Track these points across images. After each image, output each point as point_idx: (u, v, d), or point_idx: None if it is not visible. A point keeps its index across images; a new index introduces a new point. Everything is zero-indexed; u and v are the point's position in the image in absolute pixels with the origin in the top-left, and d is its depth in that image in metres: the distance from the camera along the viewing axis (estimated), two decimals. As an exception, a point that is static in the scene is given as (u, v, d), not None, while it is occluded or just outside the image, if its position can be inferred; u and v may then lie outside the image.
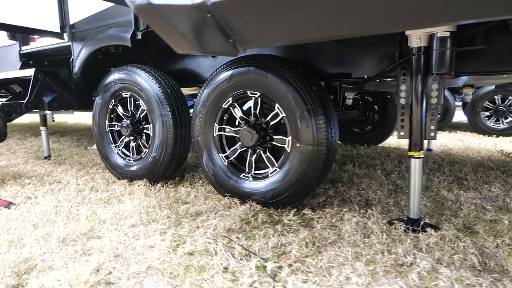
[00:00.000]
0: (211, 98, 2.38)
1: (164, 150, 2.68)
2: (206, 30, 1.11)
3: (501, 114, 6.38)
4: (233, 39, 1.10)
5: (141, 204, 2.34)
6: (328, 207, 2.23)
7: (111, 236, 1.88)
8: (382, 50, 2.16)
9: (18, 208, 2.33)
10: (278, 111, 2.16)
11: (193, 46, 1.17)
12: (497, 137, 6.19)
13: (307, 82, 2.05)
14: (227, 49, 1.16)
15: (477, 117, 6.56)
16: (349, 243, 1.74)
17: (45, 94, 3.07)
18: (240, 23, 1.04)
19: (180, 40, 1.16)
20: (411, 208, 1.96)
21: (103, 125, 3.06)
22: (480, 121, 6.55)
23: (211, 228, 1.93)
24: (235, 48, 1.15)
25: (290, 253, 1.65)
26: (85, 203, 2.41)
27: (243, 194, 2.32)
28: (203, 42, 1.16)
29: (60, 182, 2.94)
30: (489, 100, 6.46)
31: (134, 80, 2.76)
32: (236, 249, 1.69)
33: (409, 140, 1.95)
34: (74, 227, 1.96)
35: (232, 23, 1.04)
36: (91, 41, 2.89)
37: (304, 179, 2.10)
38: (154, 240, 1.83)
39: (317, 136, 2.02)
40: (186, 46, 1.20)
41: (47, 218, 2.13)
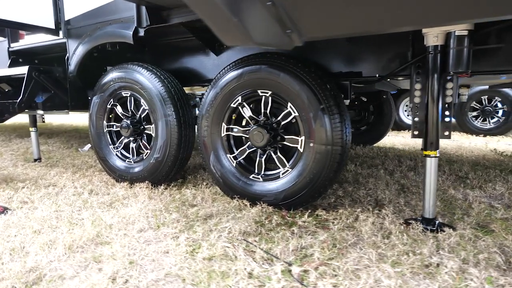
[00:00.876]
0: (219, 97, 2.31)
1: (167, 151, 2.59)
2: (263, 20, 1.04)
3: (488, 114, 6.55)
4: (291, 29, 1.04)
5: (147, 208, 2.24)
6: (341, 208, 2.20)
7: (121, 241, 1.78)
8: (394, 49, 2.14)
9: (14, 213, 2.19)
10: (290, 110, 2.12)
11: (246, 37, 1.10)
12: (484, 136, 6.35)
13: (321, 81, 2.01)
14: (281, 41, 1.10)
15: (465, 117, 6.72)
16: (369, 244, 1.71)
17: (39, 93, 2.92)
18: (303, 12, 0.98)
19: (233, 30, 1.09)
20: (426, 207, 1.95)
21: (101, 126, 2.94)
22: (468, 121, 6.70)
23: (225, 231, 1.86)
24: (290, 40, 1.09)
25: (312, 256, 1.61)
26: (87, 207, 2.29)
27: (253, 196, 2.26)
28: (257, 32, 1.10)
29: (55, 185, 2.80)
30: (477, 100, 6.61)
31: (135, 79, 2.65)
32: (257, 253, 1.63)
33: (424, 139, 1.94)
34: (79, 233, 1.86)
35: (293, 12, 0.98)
36: (89, 38, 2.77)
37: (318, 180, 2.06)
38: (167, 245, 1.75)
39: (332, 135, 1.98)
40: (238, 37, 1.13)
41: (48, 223, 2.01)
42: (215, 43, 2.71)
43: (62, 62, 3.49)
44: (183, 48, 2.90)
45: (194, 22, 2.40)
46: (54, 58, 3.44)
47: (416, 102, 1.99)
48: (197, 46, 2.83)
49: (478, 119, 6.66)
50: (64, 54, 3.24)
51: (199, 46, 2.82)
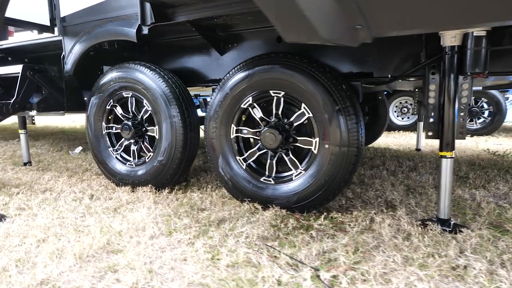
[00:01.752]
0: (229, 98, 2.25)
1: (172, 154, 2.50)
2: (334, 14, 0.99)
3: (474, 115, 6.71)
4: (362, 25, 0.99)
5: (154, 213, 2.16)
6: (354, 210, 2.17)
7: (134, 249, 1.69)
8: (407, 49, 2.14)
9: (13, 221, 2.07)
10: (304, 111, 2.08)
11: (312, 33, 1.04)
12: (471, 136, 6.51)
13: (336, 81, 1.98)
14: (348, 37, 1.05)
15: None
16: (391, 247, 1.69)
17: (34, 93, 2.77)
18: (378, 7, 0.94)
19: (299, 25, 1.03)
20: (441, 208, 1.95)
21: (99, 128, 2.82)
22: (455, 121, 6.84)
23: (242, 236, 1.80)
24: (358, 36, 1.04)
25: (337, 260, 1.57)
26: (91, 213, 2.18)
27: (265, 199, 2.21)
28: (325, 28, 1.04)
29: (52, 190, 2.66)
30: (463, 101, 6.76)
31: (137, 79, 2.56)
32: (281, 258, 1.58)
33: (440, 140, 1.93)
34: (88, 240, 1.76)
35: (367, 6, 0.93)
36: (87, 35, 2.65)
37: (333, 182, 2.03)
38: (184, 252, 1.68)
39: (348, 137, 1.96)
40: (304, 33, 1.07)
41: (52, 231, 1.90)
42: (220, 42, 2.65)
43: (54, 61, 3.35)
44: (185, 47, 2.82)
45: (201, 21, 2.34)
46: (46, 56, 3.29)
47: (430, 103, 1.99)
48: (200, 45, 2.76)
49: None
50: (58, 52, 3.09)
51: (202, 45, 2.75)
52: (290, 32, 1.14)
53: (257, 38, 2.53)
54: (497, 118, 6.52)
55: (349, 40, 1.09)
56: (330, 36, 1.08)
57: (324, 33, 1.07)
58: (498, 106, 6.47)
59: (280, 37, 2.45)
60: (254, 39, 2.54)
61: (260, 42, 2.52)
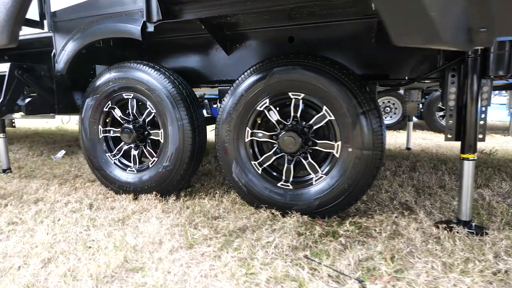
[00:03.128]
0: (244, 99, 2.14)
1: (180, 159, 2.35)
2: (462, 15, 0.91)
3: (453, 114, 6.95)
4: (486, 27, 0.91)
5: (167, 223, 2.01)
6: (373, 214, 2.14)
7: (157, 266, 1.56)
8: (423, 52, 2.12)
9: (8, 238, 1.85)
10: (325, 113, 2.01)
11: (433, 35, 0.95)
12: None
13: (360, 83, 1.93)
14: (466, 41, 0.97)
15: (433, 117, 7.10)
16: (425, 252, 1.65)
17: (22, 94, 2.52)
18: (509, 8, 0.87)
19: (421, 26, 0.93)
20: (463, 210, 1.95)
21: (95, 131, 2.62)
22: (435, 121, 7.09)
23: (271, 246, 1.71)
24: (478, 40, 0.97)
25: (376, 269, 1.51)
26: (96, 226, 2.00)
27: (283, 204, 2.12)
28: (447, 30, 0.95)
29: (45, 200, 2.43)
30: (443, 101, 7.01)
31: (140, 79, 2.38)
32: (320, 270, 1.49)
33: (462, 143, 1.93)
34: (103, 258, 1.60)
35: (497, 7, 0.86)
36: (83, 32, 2.44)
37: (357, 186, 1.97)
38: (212, 267, 1.56)
39: (373, 140, 1.91)
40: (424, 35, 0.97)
41: (58, 249, 1.71)
42: (227, 42, 2.53)
43: (38, 59, 3.08)
44: (188, 46, 2.68)
45: (212, 19, 2.21)
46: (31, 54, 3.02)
47: (450, 105, 1.98)
48: (204, 44, 2.62)
49: (444, 118, 7.06)
50: (45, 49, 2.86)
51: (206, 44, 2.62)
52: (406, 35, 1.06)
53: (267, 37, 2.43)
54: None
55: (466, 44, 1.03)
56: (451, 39, 1.02)
57: (446, 36, 0.99)
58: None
59: (292, 37, 2.38)
60: (264, 38, 2.44)
61: (270, 42, 2.43)
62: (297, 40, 2.37)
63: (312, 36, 2.32)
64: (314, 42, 2.32)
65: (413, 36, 1.05)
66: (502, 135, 6.40)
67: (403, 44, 1.10)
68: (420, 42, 1.10)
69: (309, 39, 2.33)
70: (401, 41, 1.09)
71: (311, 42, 2.33)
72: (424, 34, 1.01)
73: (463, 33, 1.00)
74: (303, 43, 2.35)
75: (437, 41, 1.02)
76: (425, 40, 1.05)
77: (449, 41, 1.01)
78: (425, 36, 1.02)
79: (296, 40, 2.37)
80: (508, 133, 6.78)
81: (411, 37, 1.07)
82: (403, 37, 1.07)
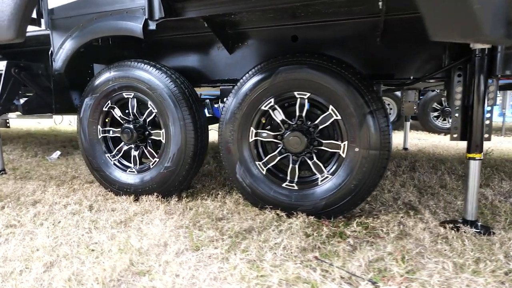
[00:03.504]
0: (248, 99, 2.11)
1: (182, 160, 2.31)
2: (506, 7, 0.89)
3: (448, 114, 7.03)
4: None
5: (171, 225, 1.97)
6: (378, 214, 2.12)
7: (164, 269, 1.52)
8: (429, 51, 2.12)
9: (7, 241, 1.79)
10: (331, 113, 1.99)
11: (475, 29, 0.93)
12: (445, 135, 6.81)
13: (367, 82, 1.92)
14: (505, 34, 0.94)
15: (427, 117, 7.15)
16: (435, 252, 1.64)
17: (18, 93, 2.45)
18: None
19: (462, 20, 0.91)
20: (468, 210, 1.95)
21: (94, 132, 2.56)
22: (430, 121, 7.14)
23: (279, 248, 1.68)
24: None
25: (387, 270, 1.50)
26: (98, 228, 1.95)
27: (288, 205, 2.10)
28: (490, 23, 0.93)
29: (43, 202, 2.37)
30: (437, 101, 7.07)
31: (141, 78, 2.34)
32: (331, 271, 1.47)
33: (468, 142, 1.93)
34: (108, 262, 1.55)
35: None
36: (82, 30, 2.38)
37: (363, 186, 1.96)
38: (221, 269, 1.53)
39: (380, 140, 1.90)
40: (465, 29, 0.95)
41: (60, 252, 1.66)
42: (229, 41, 2.50)
43: (35, 58, 3.01)
44: (189, 44, 2.64)
45: (216, 17, 2.18)
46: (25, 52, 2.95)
47: (456, 105, 1.98)
48: (206, 43, 2.59)
49: (438, 119, 7.13)
50: (41, 48, 2.79)
51: (208, 43, 2.59)
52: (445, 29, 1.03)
53: (270, 36, 2.41)
54: (468, 117, 6.83)
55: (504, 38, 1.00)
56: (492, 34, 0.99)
57: (488, 30, 0.97)
58: (469, 106, 6.78)
59: (295, 36, 2.36)
60: (267, 37, 2.42)
61: (273, 41, 2.41)
62: (300, 39, 2.35)
63: (315, 35, 2.30)
64: (317, 41, 2.30)
65: (452, 30, 1.03)
66: (495, 135, 6.47)
67: (439, 38, 1.08)
68: (458, 37, 1.08)
69: (312, 38, 2.31)
70: (438, 35, 1.07)
71: (315, 41, 2.31)
72: (464, 28, 1.00)
73: (502, 27, 0.98)
74: (307, 42, 2.33)
75: (476, 35, 1.00)
76: (464, 35, 1.03)
77: (488, 35, 1.00)
78: (465, 30, 1.00)
79: (300, 39, 2.35)
80: (501, 133, 6.87)
81: (449, 31, 1.05)
82: (441, 31, 1.05)
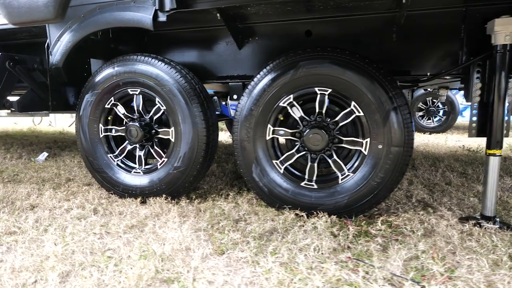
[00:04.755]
0: (266, 94, 2.03)
1: (193, 159, 2.20)
2: None
3: (432, 114, 7.21)
4: None
5: (189, 228, 1.86)
6: (398, 212, 2.10)
7: (194, 275, 1.41)
8: (445, 48, 2.11)
9: (10, 250, 1.63)
10: (354, 109, 1.94)
11: None
12: (430, 134, 6.97)
13: (391, 78, 1.88)
14: None
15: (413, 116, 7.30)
16: (466, 249, 1.63)
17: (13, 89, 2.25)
18: None
19: None
20: (487, 206, 1.95)
21: (96, 130, 2.40)
22: (415, 120, 7.30)
23: (310, 249, 1.61)
24: None
25: (426, 269, 1.46)
26: (111, 233, 1.82)
27: (308, 205, 2.04)
28: None
29: (41, 207, 2.19)
30: (422, 101, 7.24)
31: (148, 73, 2.21)
32: (371, 273, 1.42)
33: (488, 139, 1.93)
34: (132, 270, 1.43)
35: None
36: (84, 22, 2.22)
37: (387, 184, 1.92)
38: (254, 274, 1.44)
39: (404, 136, 1.87)
40: None
41: (75, 261, 1.52)
42: (239, 35, 2.41)
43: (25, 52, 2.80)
44: (196, 39, 2.53)
45: (231, 9, 2.09)
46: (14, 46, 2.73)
47: (475, 101, 1.99)
48: (213, 37, 2.49)
49: (423, 118, 7.30)
50: (32, 41, 2.60)
51: (216, 38, 2.49)
52: None
53: (282, 31, 2.34)
54: (451, 116, 7.05)
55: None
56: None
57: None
58: (452, 106, 7.00)
59: (309, 31, 2.30)
60: (279, 32, 2.35)
61: (285, 35, 2.34)
62: (314, 34, 2.29)
63: (330, 30, 2.26)
64: (332, 36, 2.26)
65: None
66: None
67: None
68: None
69: (327, 33, 2.27)
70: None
71: (329, 36, 2.26)
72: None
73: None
74: (321, 37, 2.28)
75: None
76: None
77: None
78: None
79: (314, 34, 2.29)
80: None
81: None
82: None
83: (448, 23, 2.06)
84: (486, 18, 1.93)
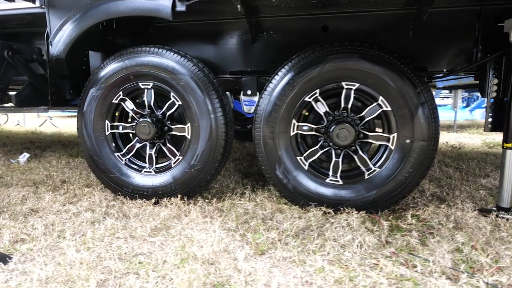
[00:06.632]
0: (293, 89, 1.97)
1: (212, 157, 2.10)
2: None
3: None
4: None
5: (218, 229, 1.76)
6: (418, 206, 2.13)
7: (245, 278, 1.33)
8: (460, 45, 2.17)
9: (27, 259, 1.45)
10: (381, 104, 1.94)
11: None
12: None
13: (419, 73, 1.90)
14: None
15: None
16: (499, 240, 1.66)
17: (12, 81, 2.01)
18: None
19: None
20: (504, 197, 2.02)
21: (101, 127, 2.22)
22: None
23: (353, 246, 1.58)
24: None
25: (473, 261, 1.47)
26: (135, 237, 1.67)
27: (334, 201, 2.01)
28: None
29: (44, 211, 1.99)
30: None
31: (163, 66, 2.08)
32: (424, 267, 1.41)
33: (505, 133, 2.00)
34: (177, 275, 1.32)
35: None
36: (92, 10, 2.04)
37: (413, 178, 1.94)
38: (306, 273, 1.38)
39: (431, 131, 1.89)
40: None
41: (105, 268, 1.38)
42: (253, 29, 2.33)
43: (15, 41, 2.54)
44: (208, 32, 2.42)
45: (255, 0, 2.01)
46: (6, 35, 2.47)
47: (491, 97, 2.05)
48: (226, 31, 2.40)
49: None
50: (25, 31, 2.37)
51: (228, 31, 2.40)
52: None
53: (298, 26, 2.30)
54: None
55: None
56: None
57: None
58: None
59: (325, 26, 2.28)
60: (295, 27, 2.31)
61: (301, 30, 2.30)
62: (331, 29, 2.27)
63: (347, 26, 2.24)
64: (349, 32, 2.25)
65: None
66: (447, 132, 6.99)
67: None
68: None
69: (344, 29, 2.25)
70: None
71: (346, 32, 2.25)
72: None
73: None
74: (338, 33, 2.26)
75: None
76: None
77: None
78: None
79: (330, 29, 2.27)
80: (452, 130, 7.48)
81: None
82: None
83: (464, 21, 2.12)
84: (500, 17, 2.01)
